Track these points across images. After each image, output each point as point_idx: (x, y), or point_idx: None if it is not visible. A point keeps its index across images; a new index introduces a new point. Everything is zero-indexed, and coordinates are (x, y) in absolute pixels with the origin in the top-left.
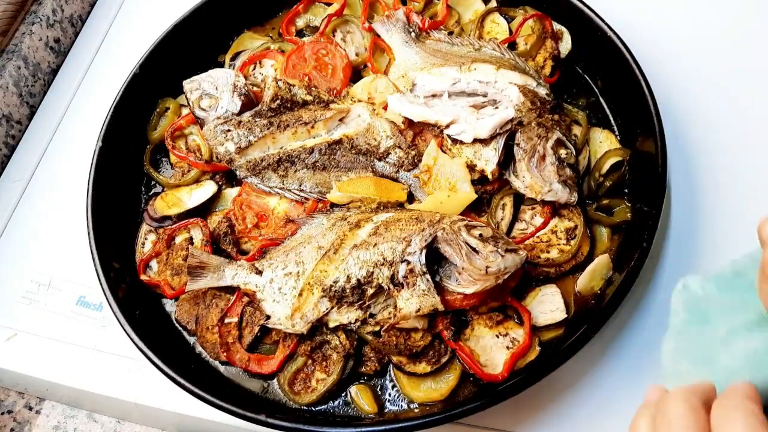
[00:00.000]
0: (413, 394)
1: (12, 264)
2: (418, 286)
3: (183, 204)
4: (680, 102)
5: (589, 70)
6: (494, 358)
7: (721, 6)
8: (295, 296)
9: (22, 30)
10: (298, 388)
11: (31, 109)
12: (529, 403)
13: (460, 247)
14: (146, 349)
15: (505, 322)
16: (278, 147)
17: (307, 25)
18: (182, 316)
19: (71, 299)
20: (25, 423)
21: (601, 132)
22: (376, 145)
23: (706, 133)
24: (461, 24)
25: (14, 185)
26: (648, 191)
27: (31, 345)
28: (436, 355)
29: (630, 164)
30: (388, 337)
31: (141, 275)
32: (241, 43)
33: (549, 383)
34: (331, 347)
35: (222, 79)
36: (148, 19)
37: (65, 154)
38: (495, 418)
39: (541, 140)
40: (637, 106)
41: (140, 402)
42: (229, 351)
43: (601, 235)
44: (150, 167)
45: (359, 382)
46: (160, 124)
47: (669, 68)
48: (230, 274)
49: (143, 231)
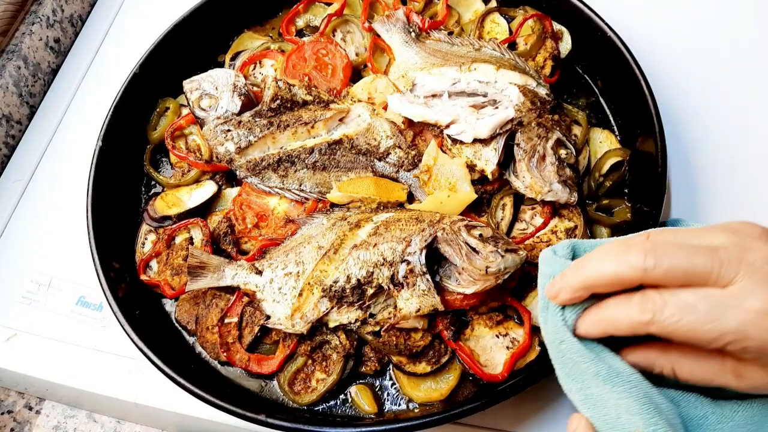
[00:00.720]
0: (413, 394)
1: (12, 264)
2: (418, 286)
3: (183, 204)
4: (680, 102)
5: (589, 70)
6: (494, 358)
7: (721, 6)
8: (295, 296)
9: (22, 30)
10: (298, 388)
11: (31, 109)
12: (529, 403)
13: (460, 248)
14: (146, 348)
15: (505, 322)
16: (278, 147)
17: (307, 24)
18: (182, 316)
19: (71, 299)
20: (25, 423)
21: (601, 132)
22: (376, 145)
23: (706, 133)
24: (461, 24)
25: (14, 185)
26: (648, 191)
27: (31, 345)
28: (436, 355)
29: (630, 164)
30: (388, 337)
31: (141, 275)
32: (241, 43)
33: (549, 383)
34: (331, 347)
35: (222, 79)
36: (148, 19)
37: (65, 154)
38: (495, 418)
39: (541, 140)
40: (637, 105)
41: (140, 402)
42: (229, 351)
43: (602, 236)
44: (150, 167)
45: (359, 382)
46: (160, 124)
47: (669, 68)
48: (230, 274)
49: (143, 231)
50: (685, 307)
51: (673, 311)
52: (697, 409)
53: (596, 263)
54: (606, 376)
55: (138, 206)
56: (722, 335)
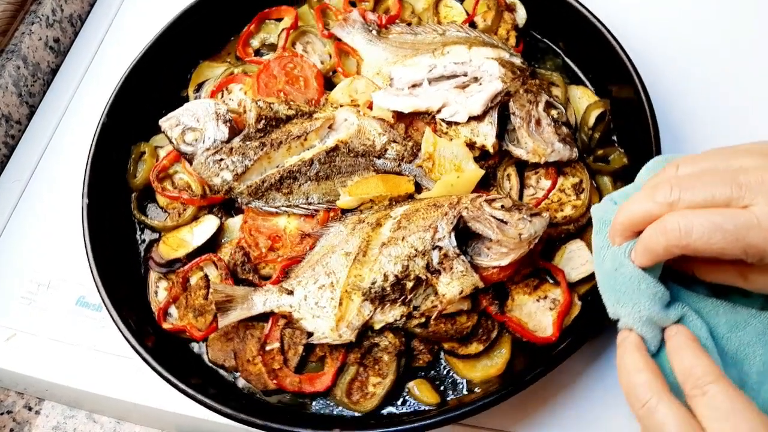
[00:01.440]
0: (471, 375)
1: (12, 264)
2: (456, 268)
3: (188, 244)
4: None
5: (548, 35)
6: (541, 322)
7: (719, 5)
8: (335, 306)
9: (21, 30)
10: (356, 397)
11: (31, 109)
12: (529, 403)
13: (489, 222)
14: (149, 359)
15: (542, 285)
16: (275, 166)
17: (263, 43)
18: (216, 355)
19: (71, 299)
20: (24, 423)
21: (577, 89)
22: (371, 145)
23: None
24: (417, 14)
25: (13, 185)
26: (635, 133)
27: (31, 345)
28: (485, 332)
29: (612, 113)
30: (436, 325)
31: (162, 324)
32: (200, 73)
33: (549, 383)
34: (381, 349)
35: (201, 109)
36: (148, 18)
37: (65, 154)
38: (495, 418)
39: (533, 105)
40: (606, 56)
41: (140, 402)
42: (278, 377)
43: (605, 184)
44: (140, 214)
45: (416, 378)
46: (139, 170)
47: (666, 69)
48: (260, 300)
49: (152, 279)
50: (711, 227)
51: (701, 232)
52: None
53: (631, 205)
54: (662, 296)
55: (137, 255)
56: (745, 250)
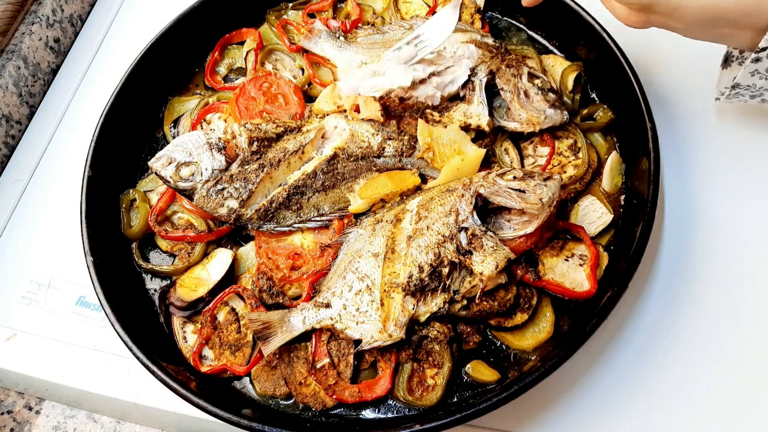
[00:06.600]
0: (523, 345)
1: (12, 264)
2: (486, 245)
3: (206, 281)
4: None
5: (507, 12)
6: (576, 278)
7: None
8: (377, 308)
9: (21, 30)
10: (418, 393)
11: (31, 109)
12: (529, 404)
13: (509, 193)
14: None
15: (566, 244)
16: (278, 184)
17: (230, 68)
18: (265, 386)
19: (71, 299)
20: (24, 423)
21: (548, 57)
22: (368, 146)
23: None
24: (378, 14)
25: (14, 185)
26: (612, 86)
27: (31, 345)
28: (526, 301)
29: (586, 73)
30: (480, 304)
31: (201, 369)
32: (172, 110)
33: (549, 383)
34: (431, 340)
35: (192, 142)
36: (148, 18)
37: (65, 154)
38: (495, 418)
39: (517, 78)
40: (568, 20)
41: (140, 402)
42: (336, 392)
43: (597, 140)
44: (145, 263)
45: (470, 360)
46: (133, 219)
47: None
48: (298, 320)
49: (177, 325)
50: None
51: None
52: None
53: None
54: None
55: (152, 305)
56: None
